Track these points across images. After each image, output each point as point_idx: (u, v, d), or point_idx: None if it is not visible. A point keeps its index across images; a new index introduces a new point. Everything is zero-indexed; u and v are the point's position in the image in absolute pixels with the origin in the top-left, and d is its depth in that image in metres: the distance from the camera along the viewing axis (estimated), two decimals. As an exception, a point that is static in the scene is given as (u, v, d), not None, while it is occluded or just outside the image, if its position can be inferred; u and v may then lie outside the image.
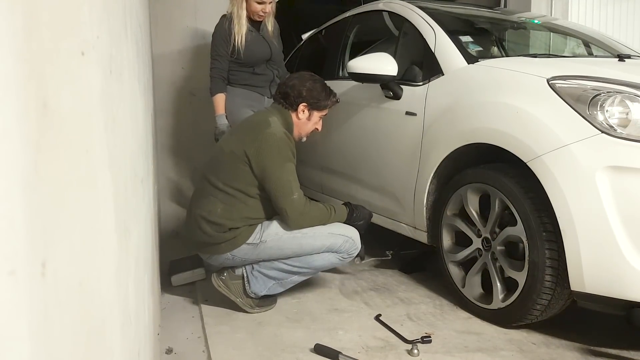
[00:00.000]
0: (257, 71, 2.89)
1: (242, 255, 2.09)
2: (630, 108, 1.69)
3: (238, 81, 2.89)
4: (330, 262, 2.17)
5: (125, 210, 0.90)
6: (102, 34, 0.72)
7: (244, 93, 2.89)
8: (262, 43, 2.89)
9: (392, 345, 1.86)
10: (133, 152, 1.11)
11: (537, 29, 3.25)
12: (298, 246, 2.09)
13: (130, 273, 0.93)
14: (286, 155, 2.06)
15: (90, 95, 0.62)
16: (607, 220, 1.62)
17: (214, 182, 2.10)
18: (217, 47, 2.82)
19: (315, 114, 2.24)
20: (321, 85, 2.24)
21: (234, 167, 2.07)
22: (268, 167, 2.03)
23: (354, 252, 2.20)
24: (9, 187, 0.35)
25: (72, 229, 0.51)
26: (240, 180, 2.07)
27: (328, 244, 2.12)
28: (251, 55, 2.83)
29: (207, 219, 2.06)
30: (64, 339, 0.47)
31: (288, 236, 2.09)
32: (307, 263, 2.13)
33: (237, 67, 2.87)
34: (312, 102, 2.20)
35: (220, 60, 2.82)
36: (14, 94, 0.36)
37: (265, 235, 2.08)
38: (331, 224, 2.17)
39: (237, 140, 2.11)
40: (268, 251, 2.09)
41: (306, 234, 2.10)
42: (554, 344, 1.87)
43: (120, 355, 0.75)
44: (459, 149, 2.12)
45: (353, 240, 2.18)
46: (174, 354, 1.83)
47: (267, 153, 2.03)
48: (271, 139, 2.05)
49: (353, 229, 2.21)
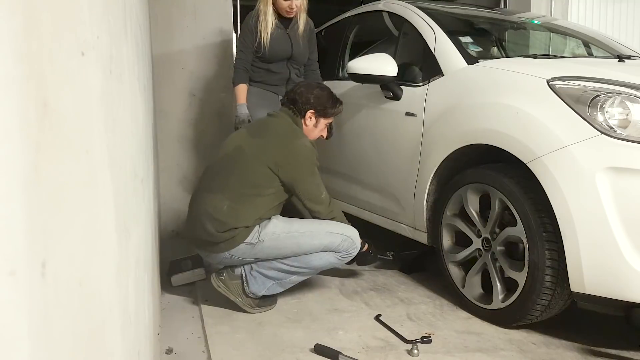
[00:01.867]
0: (273, 69, 2.86)
1: (240, 254, 2.09)
2: (630, 109, 1.69)
3: (255, 78, 2.88)
4: (328, 262, 2.17)
5: (125, 210, 0.90)
6: (102, 34, 0.72)
7: (260, 93, 2.88)
8: (285, 41, 2.85)
9: (392, 345, 1.86)
10: (133, 152, 1.11)
11: (537, 29, 3.25)
12: (296, 245, 2.10)
13: (130, 273, 0.93)
14: (315, 163, 2.20)
15: (90, 95, 0.62)
16: (607, 221, 1.62)
17: (225, 180, 2.10)
18: (244, 40, 2.82)
19: (321, 120, 2.29)
20: (328, 93, 2.30)
21: (254, 168, 2.09)
22: (300, 176, 2.13)
23: (353, 251, 2.20)
24: (9, 187, 0.35)
25: (72, 229, 0.51)
26: (255, 181, 2.08)
27: (326, 243, 2.12)
28: (272, 52, 2.81)
29: (211, 215, 2.06)
30: (64, 339, 0.47)
31: (285, 235, 2.09)
32: (305, 263, 2.13)
33: (257, 63, 2.86)
34: (319, 109, 2.25)
35: (245, 52, 2.82)
36: (14, 94, 0.36)
37: (263, 234, 2.08)
38: (329, 223, 2.19)
39: (264, 147, 2.13)
40: (266, 250, 2.09)
41: (304, 233, 2.11)
42: (554, 344, 1.87)
43: (120, 355, 0.75)
44: (459, 149, 2.12)
45: (352, 239, 2.18)
46: (174, 354, 1.83)
47: (300, 164, 2.13)
48: (304, 150, 2.15)
49: (352, 229, 2.22)
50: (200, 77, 3.40)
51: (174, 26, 3.36)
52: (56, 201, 0.45)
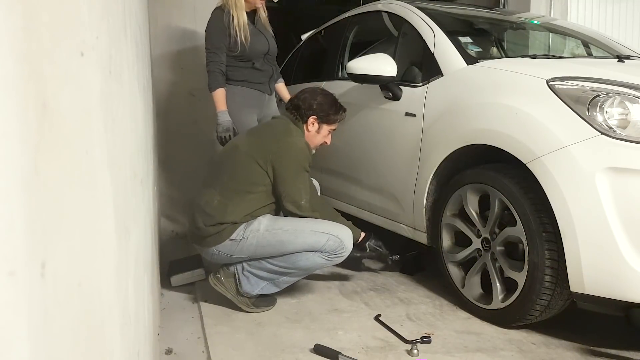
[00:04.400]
0: (257, 66, 2.75)
1: (226, 251, 2.10)
2: (629, 109, 1.69)
3: (236, 77, 2.72)
4: (315, 263, 2.10)
5: (125, 211, 0.90)
6: (102, 34, 0.72)
7: (244, 92, 2.74)
8: (260, 35, 2.75)
9: (391, 345, 1.86)
10: (132, 153, 1.11)
11: (536, 29, 3.25)
12: (279, 243, 2.06)
13: (129, 273, 0.93)
14: (303, 165, 2.15)
15: (89, 95, 0.62)
16: (606, 221, 1.62)
17: (220, 176, 2.15)
18: (214, 40, 2.64)
19: (324, 127, 2.29)
20: (331, 99, 2.30)
21: (245, 165, 2.11)
22: (285, 173, 2.10)
23: (341, 252, 2.12)
24: (9, 187, 0.35)
25: (71, 230, 0.51)
26: (248, 178, 2.10)
27: (310, 242, 2.06)
28: (252, 49, 2.68)
29: (202, 209, 2.11)
30: (63, 339, 0.47)
31: (269, 233, 2.07)
32: (291, 263, 2.09)
33: (234, 62, 2.70)
34: (321, 115, 2.25)
35: (217, 53, 2.63)
36: (13, 94, 0.36)
37: (247, 231, 2.08)
38: (316, 221, 2.14)
39: (258, 144, 2.15)
40: (250, 248, 2.08)
41: (287, 231, 2.07)
42: (554, 344, 1.87)
43: (119, 355, 0.75)
44: (459, 149, 2.12)
45: (339, 238, 2.10)
46: (174, 355, 1.83)
47: (286, 160, 2.10)
48: (293, 147, 2.13)
49: (341, 228, 2.15)
50: (199, 78, 3.40)
51: (173, 26, 3.36)
52: (56, 201, 0.45)
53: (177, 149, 3.48)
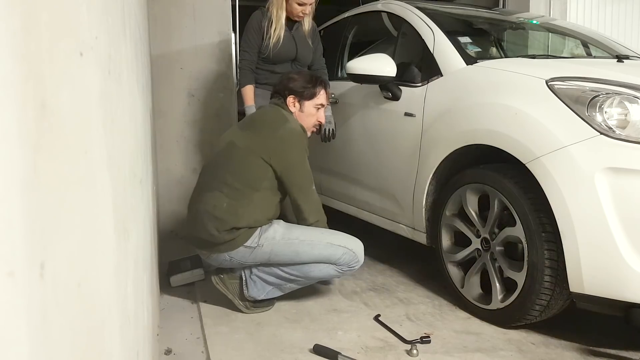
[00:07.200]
0: (277, 70, 2.85)
1: (239, 257, 2.07)
2: (629, 109, 1.69)
3: (258, 80, 2.87)
4: (327, 274, 2.11)
5: (124, 211, 0.90)
6: (101, 34, 0.72)
7: (263, 94, 2.84)
8: (290, 42, 2.84)
9: (391, 345, 1.86)
10: (132, 153, 1.11)
11: (536, 29, 3.25)
12: (294, 253, 2.05)
13: (129, 274, 0.93)
14: (305, 149, 2.14)
15: (89, 95, 0.62)
16: (605, 221, 1.63)
17: (221, 177, 2.08)
18: (249, 39, 2.80)
19: (306, 104, 2.23)
20: (306, 75, 2.30)
21: (247, 161, 2.07)
22: (292, 161, 2.08)
23: (354, 265, 2.12)
24: (8, 188, 0.35)
25: (71, 230, 0.50)
26: (250, 174, 2.06)
27: (326, 254, 2.06)
28: (276, 53, 2.79)
29: (212, 213, 2.04)
30: (62, 340, 0.47)
31: (285, 242, 2.05)
32: (304, 273, 2.08)
33: (261, 65, 2.85)
34: (298, 92, 2.22)
35: (250, 52, 2.80)
36: (12, 94, 0.36)
37: (262, 239, 2.05)
38: (332, 233, 2.13)
39: (253, 136, 2.12)
40: (265, 255, 2.06)
41: (303, 241, 2.06)
42: (553, 344, 1.87)
43: (119, 356, 0.75)
44: (458, 149, 2.12)
45: (354, 252, 2.10)
46: (173, 355, 1.83)
47: (291, 147, 2.09)
48: (294, 134, 2.11)
49: (356, 241, 2.15)
50: (199, 77, 3.40)
51: (172, 26, 3.36)
52: (55, 202, 0.45)
53: (176, 149, 3.47)
